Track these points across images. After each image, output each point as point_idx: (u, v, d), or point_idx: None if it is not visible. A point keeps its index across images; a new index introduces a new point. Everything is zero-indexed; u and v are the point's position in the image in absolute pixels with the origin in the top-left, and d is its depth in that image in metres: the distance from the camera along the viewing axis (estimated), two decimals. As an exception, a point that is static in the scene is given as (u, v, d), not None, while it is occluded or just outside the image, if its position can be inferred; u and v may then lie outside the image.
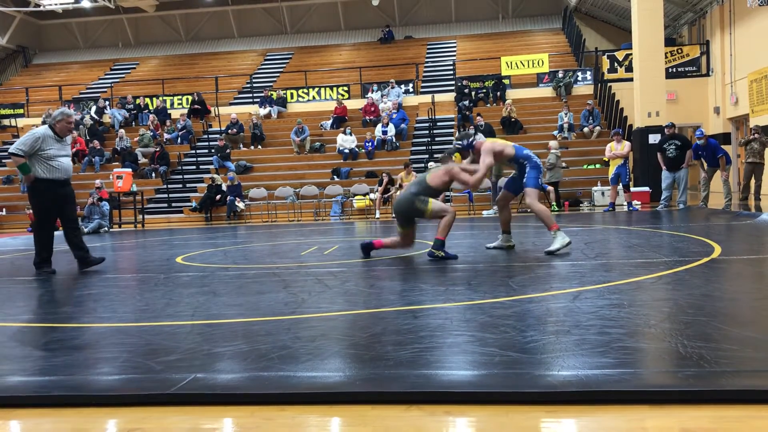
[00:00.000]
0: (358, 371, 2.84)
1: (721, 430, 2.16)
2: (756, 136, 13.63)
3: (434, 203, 6.64)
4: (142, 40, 31.37)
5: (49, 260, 6.89)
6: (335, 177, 18.21)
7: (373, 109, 20.73)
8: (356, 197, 17.07)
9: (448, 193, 15.66)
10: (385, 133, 19.29)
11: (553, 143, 16.23)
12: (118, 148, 20.14)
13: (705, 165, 13.28)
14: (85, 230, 13.96)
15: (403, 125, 19.77)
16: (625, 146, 14.22)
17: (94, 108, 22.96)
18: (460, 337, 3.36)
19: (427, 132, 19.86)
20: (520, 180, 6.97)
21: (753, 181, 13.74)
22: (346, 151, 18.94)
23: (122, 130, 20.82)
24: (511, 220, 7.34)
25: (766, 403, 2.35)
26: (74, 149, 20.32)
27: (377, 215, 16.10)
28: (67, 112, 6.88)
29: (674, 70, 19.68)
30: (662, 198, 13.76)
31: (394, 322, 3.78)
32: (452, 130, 19.81)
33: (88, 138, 20.81)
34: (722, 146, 14.08)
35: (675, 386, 2.50)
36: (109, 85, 26.34)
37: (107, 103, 23.47)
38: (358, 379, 2.74)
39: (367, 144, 18.97)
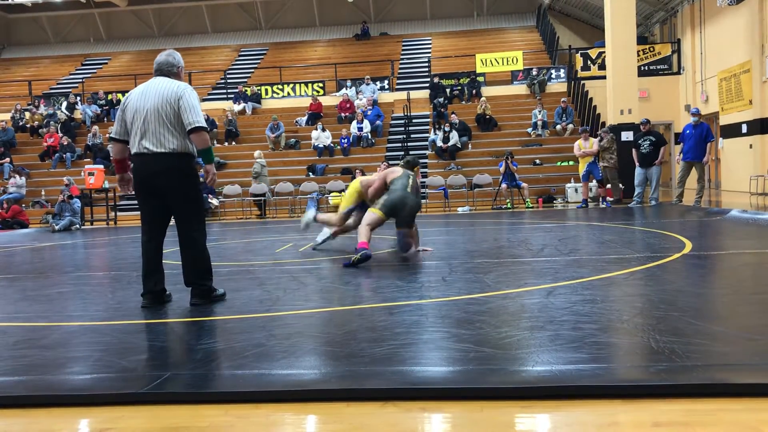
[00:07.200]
0: (334, 368, 2.84)
1: (691, 423, 2.19)
2: None
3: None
4: (113, 35, 30.94)
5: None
6: (310, 174, 18.14)
7: (348, 105, 20.67)
8: (332, 194, 17.02)
9: (423, 190, 15.67)
10: (360, 129, 19.26)
11: (257, 153, 17.15)
12: (90, 144, 19.86)
13: (680, 156, 12.89)
14: (56, 227, 13.75)
15: (378, 122, 19.75)
16: (593, 144, 14.36)
17: (65, 104, 22.60)
18: (436, 333, 3.37)
19: (402, 129, 19.85)
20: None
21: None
22: (322, 147, 18.89)
23: (95, 127, 20.52)
24: None
25: (735, 396, 2.39)
26: (47, 145, 20.02)
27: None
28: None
29: (646, 68, 19.87)
30: (635, 195, 13.91)
31: (369, 319, 3.78)
32: (427, 127, 19.84)
33: (61, 134, 20.50)
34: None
35: (647, 381, 2.53)
36: (81, 80, 25.93)
37: (78, 98, 23.12)
38: (334, 376, 2.74)
39: (342, 141, 18.92)
